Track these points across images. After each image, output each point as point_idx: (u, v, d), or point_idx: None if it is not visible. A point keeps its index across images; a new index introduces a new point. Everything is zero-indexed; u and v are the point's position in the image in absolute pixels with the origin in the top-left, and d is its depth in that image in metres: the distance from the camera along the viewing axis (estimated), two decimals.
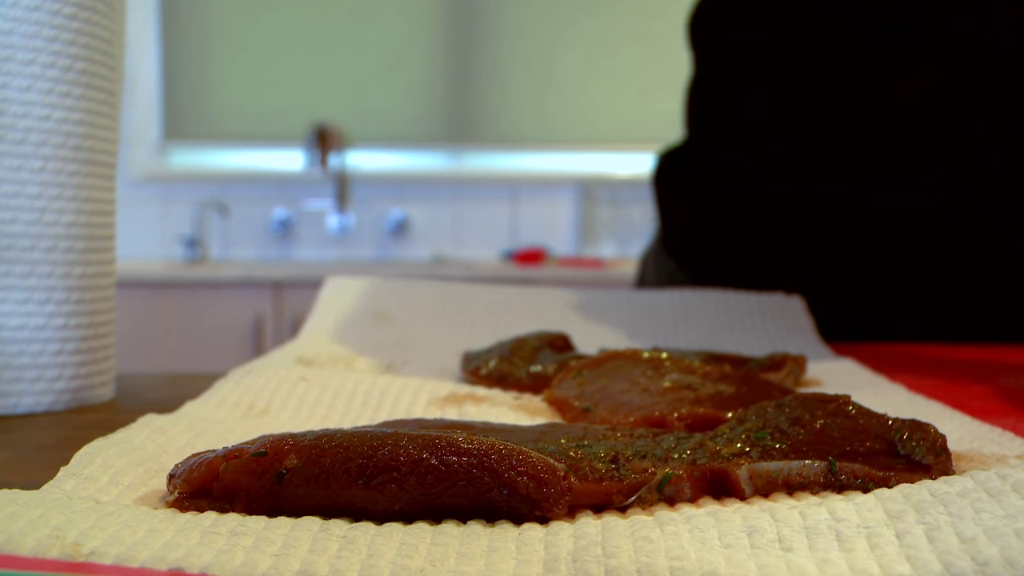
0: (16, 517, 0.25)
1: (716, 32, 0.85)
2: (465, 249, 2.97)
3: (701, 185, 0.86)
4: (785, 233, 0.81)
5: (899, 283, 0.77)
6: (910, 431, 0.33)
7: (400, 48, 2.92)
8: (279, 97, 2.89)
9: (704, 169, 0.86)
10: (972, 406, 0.45)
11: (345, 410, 0.44)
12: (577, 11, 2.96)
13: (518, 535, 0.26)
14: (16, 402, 0.47)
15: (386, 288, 0.75)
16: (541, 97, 2.96)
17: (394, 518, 0.28)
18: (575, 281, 2.51)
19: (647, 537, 0.25)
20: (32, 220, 0.47)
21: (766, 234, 0.82)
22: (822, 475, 0.31)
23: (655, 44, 2.95)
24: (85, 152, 0.48)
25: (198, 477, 0.29)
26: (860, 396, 0.44)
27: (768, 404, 0.35)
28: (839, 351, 0.65)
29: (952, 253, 0.76)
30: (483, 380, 0.52)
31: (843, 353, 0.63)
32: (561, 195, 2.99)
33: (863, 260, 0.78)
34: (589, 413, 0.43)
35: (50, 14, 0.47)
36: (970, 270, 0.76)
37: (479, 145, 2.97)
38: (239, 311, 2.42)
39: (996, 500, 0.27)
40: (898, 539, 0.25)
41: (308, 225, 2.93)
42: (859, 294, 0.78)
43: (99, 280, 0.50)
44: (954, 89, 0.73)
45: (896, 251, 0.77)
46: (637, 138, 2.95)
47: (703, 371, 0.46)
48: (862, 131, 0.76)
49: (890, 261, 0.77)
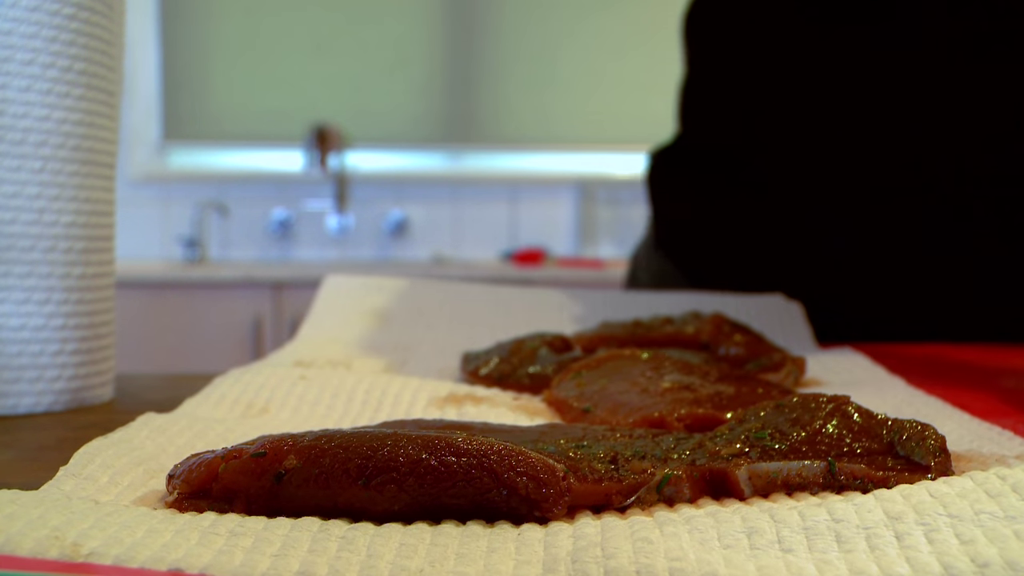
0: (15, 517, 0.25)
1: (710, 29, 0.85)
2: (465, 249, 2.97)
3: (693, 183, 0.86)
4: (779, 230, 0.81)
5: (895, 282, 0.77)
6: (909, 432, 0.33)
7: (400, 48, 2.91)
8: (279, 97, 2.89)
9: (696, 167, 0.86)
10: (972, 406, 0.45)
11: (345, 410, 0.44)
12: (577, 12, 2.96)
13: (517, 536, 0.26)
14: (16, 402, 0.47)
15: (385, 287, 0.75)
16: (541, 97, 2.96)
17: (393, 518, 0.28)
18: (575, 281, 2.51)
19: (646, 538, 0.25)
20: (31, 220, 0.47)
21: (759, 231, 0.82)
22: (821, 476, 0.31)
23: (655, 45, 2.95)
24: (84, 152, 0.48)
25: (197, 478, 0.29)
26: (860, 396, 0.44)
27: (767, 404, 0.35)
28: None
29: (949, 251, 0.76)
30: (483, 380, 0.52)
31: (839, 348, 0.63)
32: (561, 195, 2.99)
33: (858, 258, 0.78)
34: (588, 414, 0.43)
35: (49, 14, 0.47)
36: (969, 270, 0.76)
37: (479, 145, 2.97)
38: (239, 311, 2.42)
39: (996, 501, 0.27)
40: (897, 540, 0.25)
41: (308, 225, 2.93)
42: (855, 292, 0.78)
43: (99, 280, 0.50)
44: (951, 84, 0.73)
45: (892, 249, 0.77)
46: (637, 138, 2.95)
47: (702, 371, 0.46)
48: (857, 127, 0.76)
49: (886, 259, 0.77)
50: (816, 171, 0.79)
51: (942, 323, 0.76)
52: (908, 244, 0.77)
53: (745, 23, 0.81)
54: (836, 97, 0.77)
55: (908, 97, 0.75)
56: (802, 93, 0.78)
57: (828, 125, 0.78)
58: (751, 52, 0.81)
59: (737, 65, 0.82)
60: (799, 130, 0.79)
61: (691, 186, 0.87)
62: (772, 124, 0.80)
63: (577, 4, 2.96)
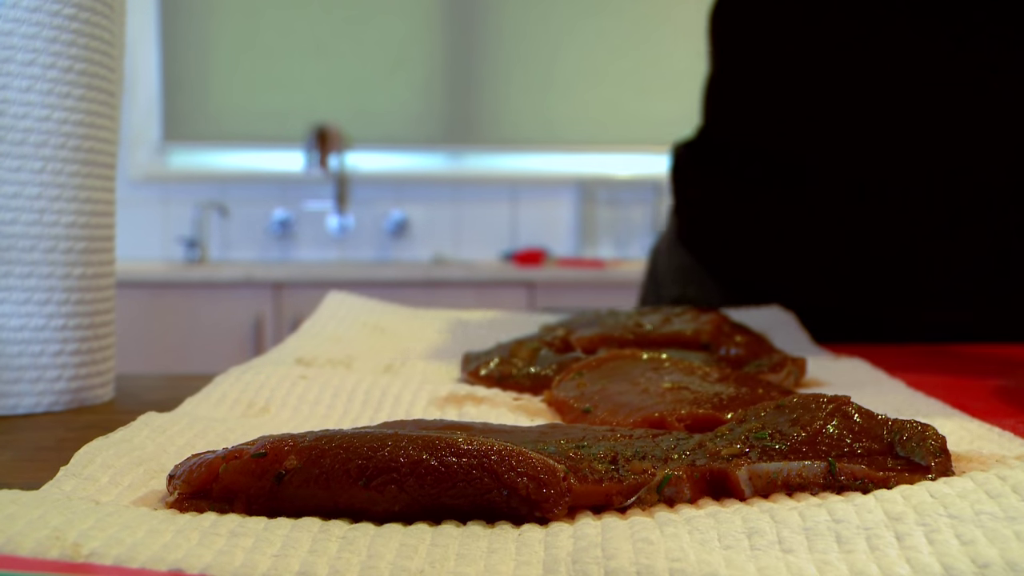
0: (16, 518, 0.25)
1: (735, 25, 0.85)
2: (465, 250, 2.97)
3: (717, 177, 0.86)
4: (801, 226, 0.81)
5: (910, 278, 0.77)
6: (910, 432, 0.33)
7: (400, 49, 2.92)
8: (279, 97, 2.89)
9: (720, 161, 0.86)
10: (972, 406, 0.45)
11: (345, 410, 0.44)
12: (577, 12, 2.96)
13: (518, 536, 0.26)
14: (16, 403, 0.47)
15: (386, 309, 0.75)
16: (541, 98, 2.96)
17: (394, 519, 0.28)
18: (575, 282, 2.51)
19: (647, 538, 0.25)
20: (32, 221, 0.47)
21: (783, 227, 0.82)
22: (822, 476, 0.31)
23: (655, 45, 2.96)
24: (85, 153, 0.48)
25: (198, 478, 0.29)
26: (860, 396, 0.44)
27: (768, 405, 0.35)
28: (839, 351, 0.65)
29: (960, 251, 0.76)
30: (483, 381, 0.52)
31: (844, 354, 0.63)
32: (561, 196, 2.99)
33: (877, 254, 0.78)
34: (589, 414, 0.43)
35: (50, 15, 0.47)
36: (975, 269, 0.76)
37: (479, 146, 2.97)
38: (239, 312, 2.42)
39: (996, 501, 0.27)
40: (898, 540, 0.25)
41: (308, 226, 2.93)
42: (871, 288, 0.79)
43: (99, 281, 0.50)
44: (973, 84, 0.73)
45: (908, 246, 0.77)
46: (637, 139, 2.96)
47: (703, 372, 0.46)
48: (883, 122, 0.77)
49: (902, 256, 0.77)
50: (840, 167, 0.79)
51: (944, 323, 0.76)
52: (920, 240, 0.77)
53: (771, 19, 0.81)
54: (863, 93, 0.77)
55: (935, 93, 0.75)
56: (828, 89, 0.78)
57: (854, 121, 0.78)
58: (776, 48, 0.81)
59: (762, 61, 0.82)
60: (825, 126, 0.79)
61: (715, 181, 0.87)
62: (798, 120, 0.80)
63: (577, 4, 2.96)
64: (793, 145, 0.81)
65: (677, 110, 2.70)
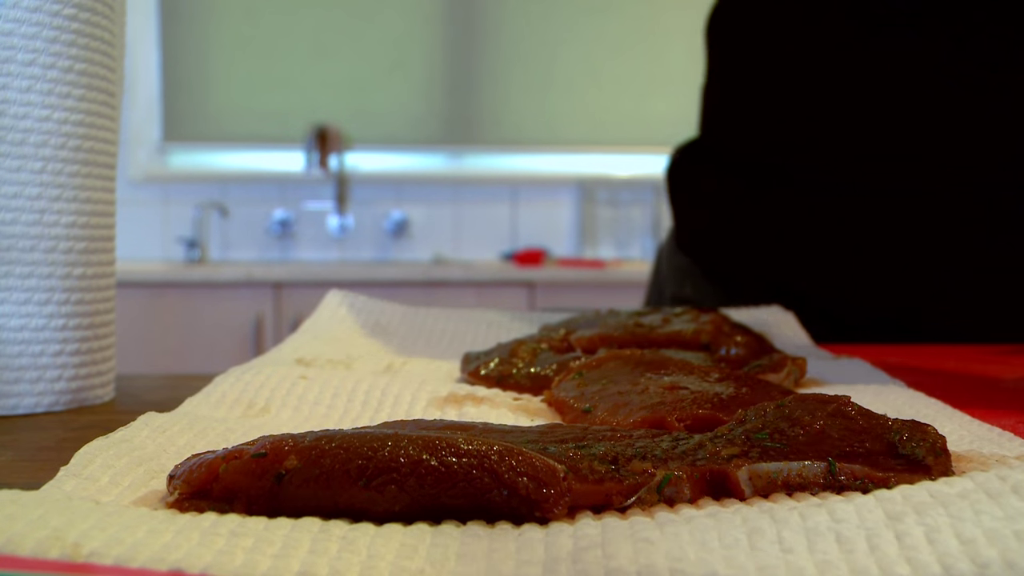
0: (16, 518, 0.25)
1: (733, 31, 0.85)
2: (465, 250, 2.97)
3: (715, 181, 0.86)
4: (798, 229, 0.81)
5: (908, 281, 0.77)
6: (910, 432, 0.33)
7: (400, 49, 2.92)
8: (279, 98, 2.89)
9: (717, 166, 0.86)
10: (972, 407, 0.45)
11: (345, 410, 0.44)
12: (577, 12, 2.96)
13: (518, 536, 0.26)
14: (16, 403, 0.47)
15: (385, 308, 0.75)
16: (541, 98, 2.96)
17: (394, 519, 0.28)
18: (575, 282, 2.51)
19: (647, 538, 0.25)
20: (32, 221, 0.47)
21: (779, 230, 0.82)
22: (822, 476, 0.31)
23: (655, 46, 2.96)
24: (85, 153, 0.48)
25: (198, 478, 0.29)
26: (860, 396, 0.44)
27: (768, 405, 0.35)
28: (840, 352, 0.65)
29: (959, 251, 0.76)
30: (483, 381, 0.52)
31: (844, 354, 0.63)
32: (561, 196, 2.99)
33: (874, 257, 0.78)
34: (589, 414, 0.43)
35: (50, 15, 0.47)
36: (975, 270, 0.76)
37: (479, 146, 2.97)
38: (239, 312, 2.42)
39: (996, 502, 0.27)
40: (898, 540, 0.25)
41: (308, 226, 2.93)
42: (869, 290, 0.79)
43: (99, 281, 0.50)
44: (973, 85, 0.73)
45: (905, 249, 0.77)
46: (637, 139, 2.96)
47: (703, 372, 0.46)
48: (881, 128, 0.77)
49: (900, 258, 0.78)
50: (839, 168, 0.79)
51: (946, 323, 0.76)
52: (918, 243, 0.77)
53: (769, 26, 0.82)
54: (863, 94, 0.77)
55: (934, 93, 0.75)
56: (828, 90, 0.78)
57: (854, 122, 0.78)
58: (776, 49, 0.81)
59: (760, 67, 0.82)
60: (824, 127, 0.79)
61: (712, 185, 0.87)
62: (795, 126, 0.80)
63: (577, 4, 2.96)
64: (791, 147, 0.81)
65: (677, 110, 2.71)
